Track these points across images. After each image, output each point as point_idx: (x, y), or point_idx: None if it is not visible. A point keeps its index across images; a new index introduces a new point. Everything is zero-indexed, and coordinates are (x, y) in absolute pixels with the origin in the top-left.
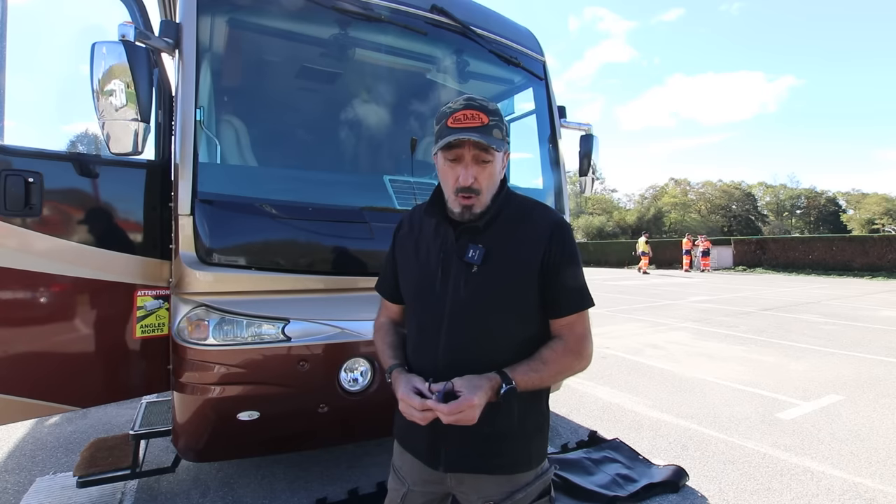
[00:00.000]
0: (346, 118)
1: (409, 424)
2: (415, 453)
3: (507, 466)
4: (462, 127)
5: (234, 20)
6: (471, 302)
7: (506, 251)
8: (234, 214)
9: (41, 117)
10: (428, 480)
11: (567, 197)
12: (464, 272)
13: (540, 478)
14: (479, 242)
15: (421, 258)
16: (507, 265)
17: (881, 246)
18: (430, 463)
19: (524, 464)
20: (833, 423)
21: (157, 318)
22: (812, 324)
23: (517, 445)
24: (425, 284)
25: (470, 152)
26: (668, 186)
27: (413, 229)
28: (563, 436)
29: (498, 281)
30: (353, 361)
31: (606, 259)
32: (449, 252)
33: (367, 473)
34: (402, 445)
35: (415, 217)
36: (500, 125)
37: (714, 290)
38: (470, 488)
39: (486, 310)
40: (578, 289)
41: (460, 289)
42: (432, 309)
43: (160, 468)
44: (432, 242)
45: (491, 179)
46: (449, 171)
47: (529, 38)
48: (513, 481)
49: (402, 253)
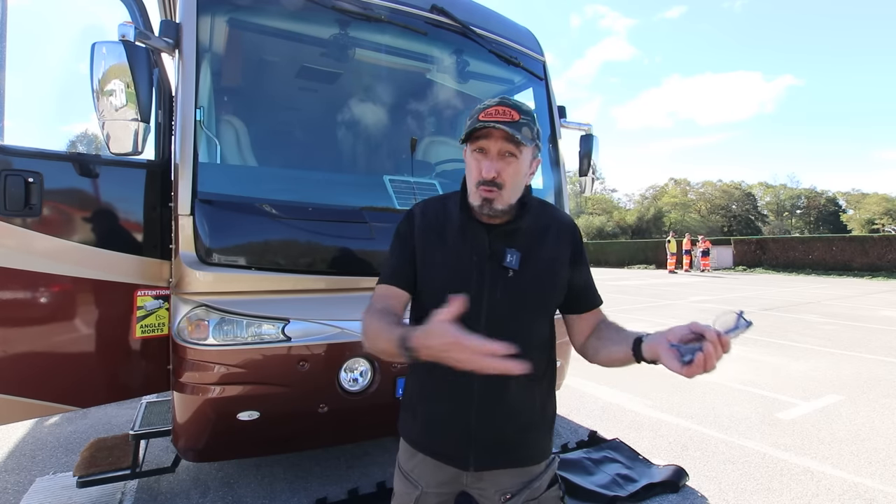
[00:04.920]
0: (346, 118)
1: (432, 429)
2: (438, 456)
3: (531, 458)
4: (491, 119)
5: (234, 20)
6: (509, 306)
7: (539, 255)
8: (234, 214)
9: (41, 117)
10: (444, 481)
11: (567, 197)
12: (501, 276)
13: (549, 466)
14: (513, 246)
15: (450, 259)
16: (541, 269)
17: (881, 246)
18: (459, 464)
19: (542, 454)
20: (833, 423)
21: (157, 318)
22: (812, 324)
23: (539, 435)
24: (457, 286)
25: (496, 145)
26: (668, 186)
27: (432, 226)
28: (563, 436)
29: (534, 285)
30: (353, 361)
31: (606, 259)
32: (483, 255)
33: (367, 473)
34: (420, 449)
35: (429, 212)
36: (531, 125)
37: (714, 291)
38: (488, 483)
39: (523, 313)
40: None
41: (497, 293)
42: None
43: (160, 468)
44: (461, 242)
45: (516, 177)
46: (474, 162)
47: (529, 38)
48: (527, 473)
49: (426, 251)
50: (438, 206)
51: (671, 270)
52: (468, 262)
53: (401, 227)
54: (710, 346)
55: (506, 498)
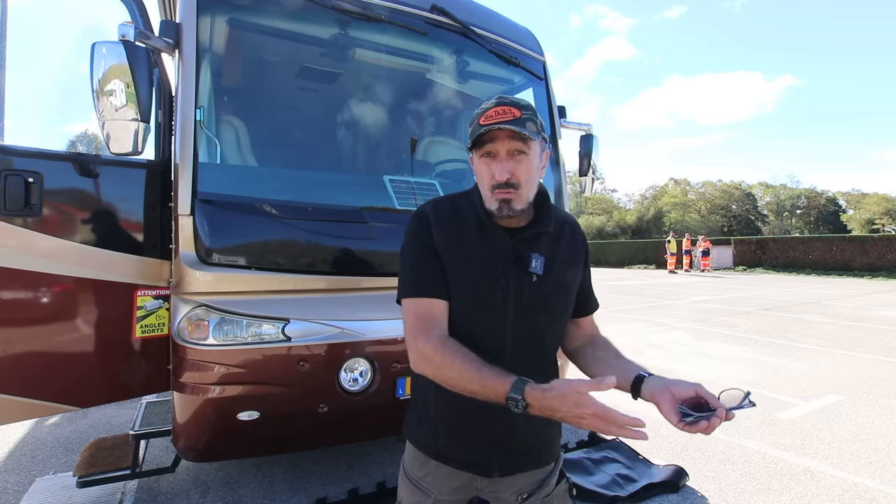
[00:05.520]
0: (346, 118)
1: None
2: (459, 465)
3: (547, 458)
4: (494, 122)
5: (234, 20)
6: (534, 311)
7: (559, 258)
8: (234, 214)
9: (41, 117)
10: (458, 487)
11: (567, 197)
12: (526, 282)
13: (558, 462)
14: (537, 251)
15: (473, 264)
16: (563, 273)
17: (881, 246)
18: (483, 471)
19: (555, 453)
20: (833, 423)
21: (157, 318)
22: (812, 324)
23: (555, 434)
24: (483, 294)
25: (504, 146)
26: (668, 186)
27: (449, 230)
28: (564, 436)
29: (558, 290)
30: (353, 361)
31: (606, 259)
32: (507, 260)
33: (367, 473)
34: (437, 458)
35: (442, 216)
36: (534, 119)
37: (714, 290)
38: (505, 485)
39: (546, 318)
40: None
41: (523, 299)
42: (493, 321)
43: (160, 468)
44: (481, 247)
45: (529, 174)
46: (484, 168)
47: (529, 38)
48: (541, 471)
49: (448, 246)
50: (450, 207)
51: (671, 270)
52: (493, 266)
53: (416, 229)
54: (718, 421)
55: (523, 498)
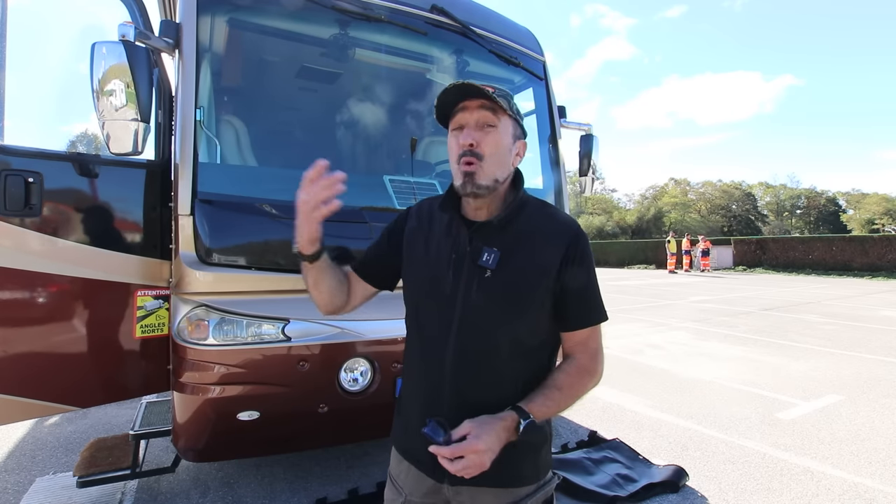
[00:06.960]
0: (346, 118)
1: (412, 433)
2: (417, 464)
3: (514, 479)
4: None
5: (234, 20)
6: (483, 308)
7: (522, 256)
8: (234, 214)
9: (41, 117)
10: (427, 492)
11: (567, 197)
12: (476, 276)
13: (542, 489)
14: (494, 245)
15: (431, 256)
16: (522, 271)
17: (881, 246)
18: (434, 475)
19: (531, 476)
20: (833, 423)
21: (156, 318)
22: (812, 324)
23: (526, 457)
24: (435, 285)
25: (472, 116)
26: (668, 186)
27: (423, 224)
28: (563, 436)
29: (512, 287)
30: (353, 361)
31: (606, 259)
32: (461, 253)
33: (367, 473)
34: (402, 454)
35: (423, 211)
36: (508, 99)
37: (714, 290)
38: (469, 499)
39: (498, 316)
40: (594, 301)
41: (472, 294)
42: (441, 313)
43: (160, 468)
44: (443, 240)
45: (497, 148)
46: (454, 141)
47: (529, 38)
48: (514, 493)
49: (412, 248)
50: (435, 201)
51: (671, 270)
52: (447, 261)
53: (391, 223)
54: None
55: None
